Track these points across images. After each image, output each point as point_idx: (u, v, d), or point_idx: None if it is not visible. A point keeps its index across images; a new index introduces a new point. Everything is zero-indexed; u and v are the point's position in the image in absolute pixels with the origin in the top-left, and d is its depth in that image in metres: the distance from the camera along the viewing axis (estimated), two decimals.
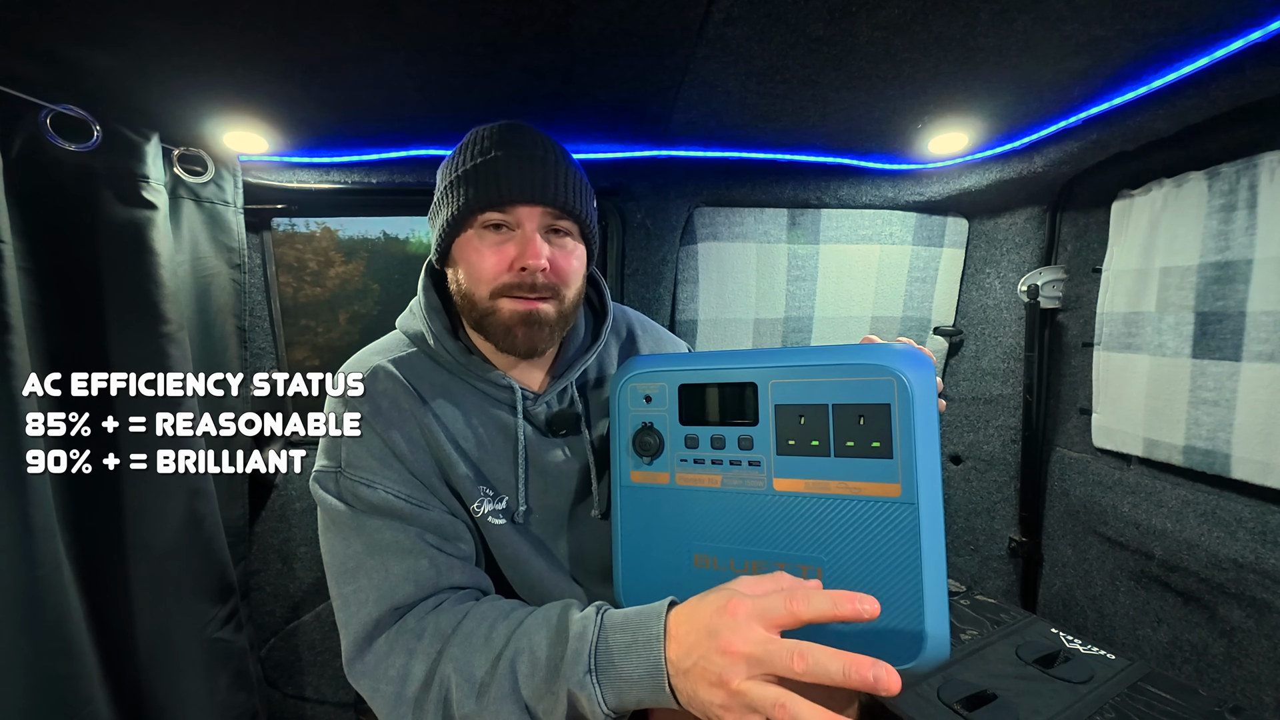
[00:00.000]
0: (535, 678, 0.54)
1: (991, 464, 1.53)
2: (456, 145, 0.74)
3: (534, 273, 0.67)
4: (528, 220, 0.68)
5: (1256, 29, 0.81)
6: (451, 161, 0.72)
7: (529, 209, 0.68)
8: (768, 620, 0.46)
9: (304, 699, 1.46)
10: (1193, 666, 1.12)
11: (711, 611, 0.47)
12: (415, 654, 0.59)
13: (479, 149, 0.69)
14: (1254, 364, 0.99)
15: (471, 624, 0.60)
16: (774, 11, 0.75)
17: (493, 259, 0.68)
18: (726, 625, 0.45)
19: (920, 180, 1.42)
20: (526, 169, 0.67)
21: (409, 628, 0.61)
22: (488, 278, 0.68)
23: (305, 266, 2.58)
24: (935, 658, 0.54)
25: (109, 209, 0.98)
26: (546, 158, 0.69)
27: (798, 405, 0.59)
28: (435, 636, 0.60)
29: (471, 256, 0.69)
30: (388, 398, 0.70)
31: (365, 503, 0.66)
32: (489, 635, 0.58)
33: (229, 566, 1.16)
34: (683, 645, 0.48)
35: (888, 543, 0.55)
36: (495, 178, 0.67)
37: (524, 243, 0.67)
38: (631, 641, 0.51)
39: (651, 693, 0.49)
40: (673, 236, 1.41)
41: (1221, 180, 1.03)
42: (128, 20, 0.74)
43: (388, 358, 0.73)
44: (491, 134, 0.71)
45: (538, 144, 0.70)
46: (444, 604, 0.64)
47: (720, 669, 0.45)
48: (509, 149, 0.68)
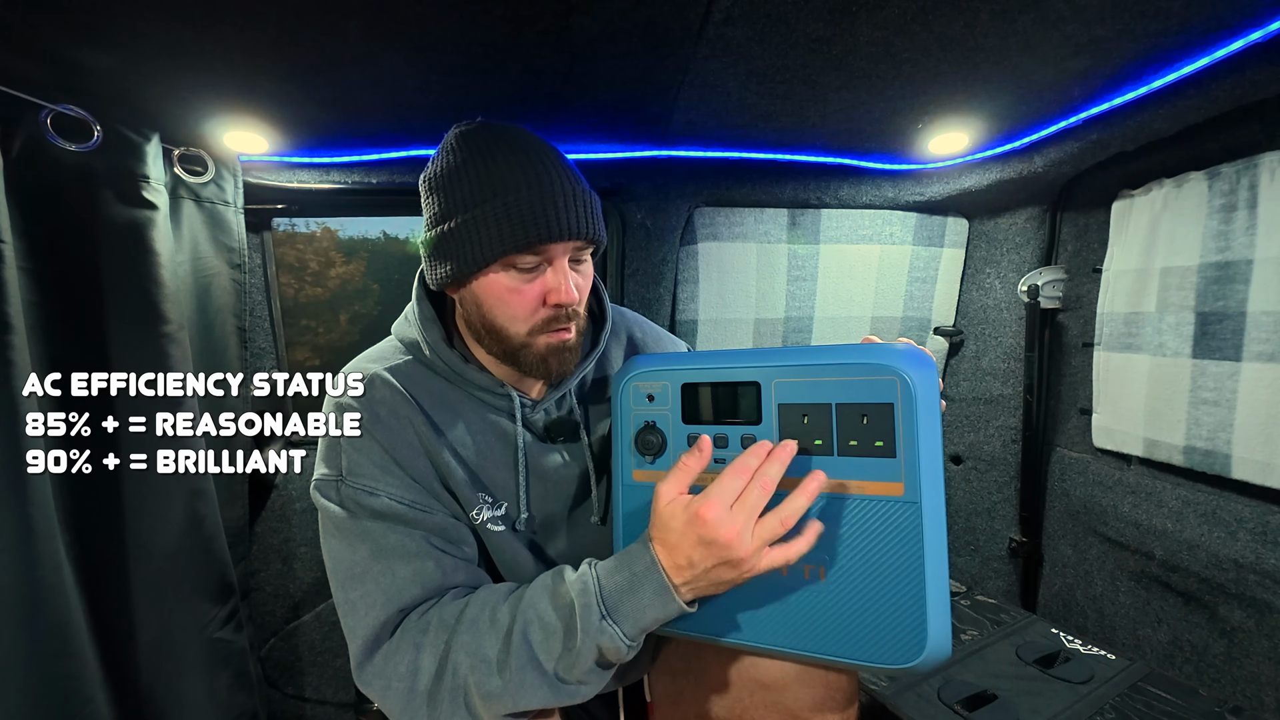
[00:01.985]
0: (551, 641, 0.57)
1: (992, 464, 1.53)
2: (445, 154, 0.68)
3: (568, 307, 0.66)
4: (560, 256, 0.66)
5: (1257, 29, 0.81)
6: (456, 182, 0.66)
7: (563, 245, 0.65)
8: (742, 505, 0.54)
9: (304, 699, 1.46)
10: (1193, 667, 1.12)
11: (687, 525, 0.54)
12: (423, 647, 0.60)
13: (496, 178, 0.64)
14: (1254, 364, 0.99)
15: (474, 610, 0.61)
16: (774, 11, 0.75)
17: (527, 299, 0.66)
18: (711, 526, 0.53)
19: (920, 180, 1.42)
20: (560, 206, 0.64)
21: (413, 624, 0.62)
22: (524, 316, 0.66)
23: (306, 266, 2.58)
24: (937, 656, 0.54)
25: (109, 209, 0.98)
26: (571, 189, 0.65)
27: (801, 404, 0.59)
28: (440, 628, 0.61)
29: (504, 295, 0.66)
30: (386, 405, 0.69)
31: (368, 509, 0.66)
32: (493, 617, 0.60)
33: (229, 567, 1.16)
34: (681, 559, 0.55)
35: (891, 541, 0.55)
36: (528, 219, 0.63)
37: (558, 279, 0.65)
38: (631, 576, 0.56)
39: (664, 609, 0.56)
40: (673, 236, 1.41)
41: (1222, 180, 1.03)
42: (128, 20, 0.74)
43: (384, 366, 0.72)
44: (500, 153, 0.65)
45: (557, 169, 0.66)
46: (444, 598, 0.64)
47: (728, 554, 0.53)
48: (534, 180, 0.64)
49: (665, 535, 0.56)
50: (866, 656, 0.56)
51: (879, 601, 0.55)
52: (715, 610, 0.63)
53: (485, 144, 0.66)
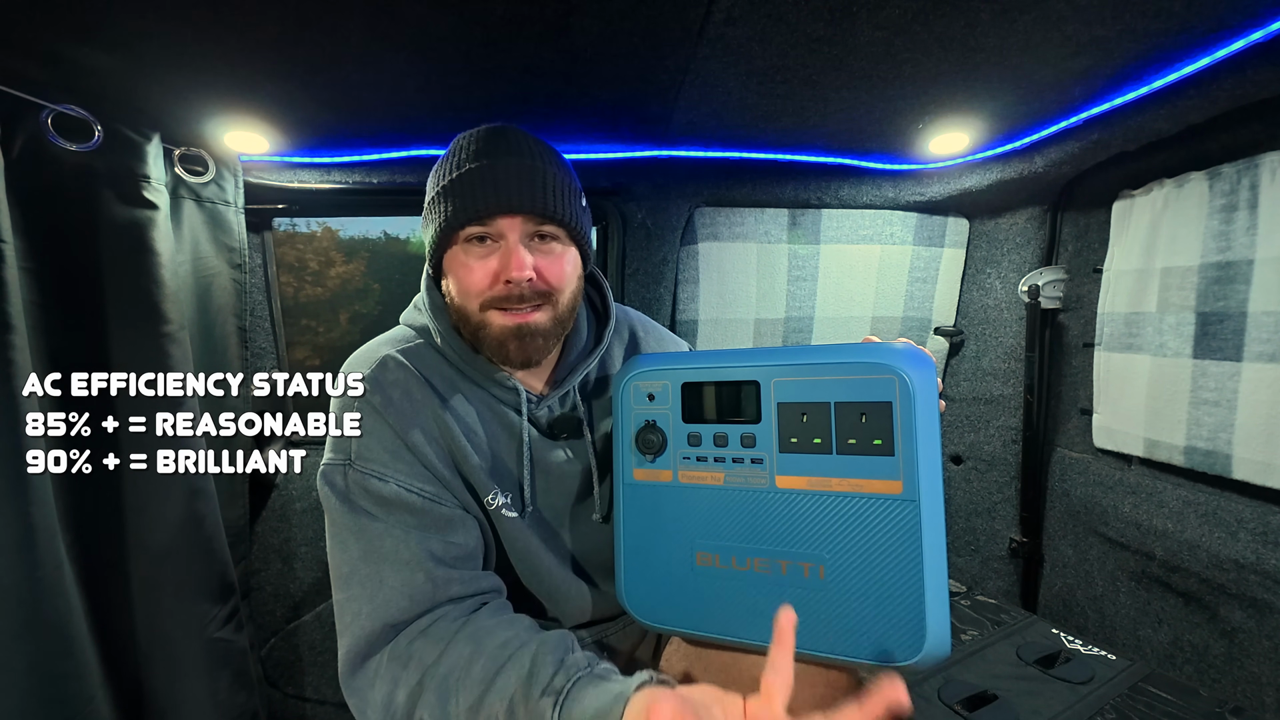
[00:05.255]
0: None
1: (992, 464, 1.53)
2: (448, 152, 0.72)
3: (519, 284, 0.66)
4: (509, 231, 0.66)
5: (1258, 29, 0.81)
6: (438, 171, 0.71)
7: (509, 220, 0.66)
8: None
9: (304, 699, 1.46)
10: (1194, 667, 1.12)
11: None
12: (399, 683, 0.60)
13: (459, 159, 0.68)
14: (1255, 364, 0.99)
15: (451, 660, 0.59)
16: (775, 11, 0.75)
17: (479, 273, 0.67)
18: None
19: (921, 180, 1.42)
20: (504, 179, 0.66)
21: (399, 652, 0.61)
22: (475, 291, 0.68)
23: (306, 266, 2.57)
24: (936, 654, 0.54)
25: (110, 209, 0.98)
26: (525, 165, 0.67)
27: (800, 403, 0.59)
28: (418, 667, 0.60)
29: (459, 271, 0.68)
30: (399, 388, 0.69)
31: (374, 497, 0.65)
32: (465, 675, 0.58)
33: (229, 566, 1.16)
34: None
35: (889, 539, 0.55)
36: (473, 190, 0.65)
37: (507, 254, 0.66)
38: None
39: None
40: (673, 236, 1.41)
41: (1223, 180, 1.03)
42: (129, 20, 0.75)
43: (396, 348, 0.72)
44: (472, 142, 0.69)
45: (517, 150, 0.68)
46: (435, 624, 0.63)
47: None
48: (487, 159, 0.67)
49: None
50: (865, 654, 0.56)
51: (877, 599, 0.55)
52: (715, 610, 0.63)
53: (473, 138, 0.70)
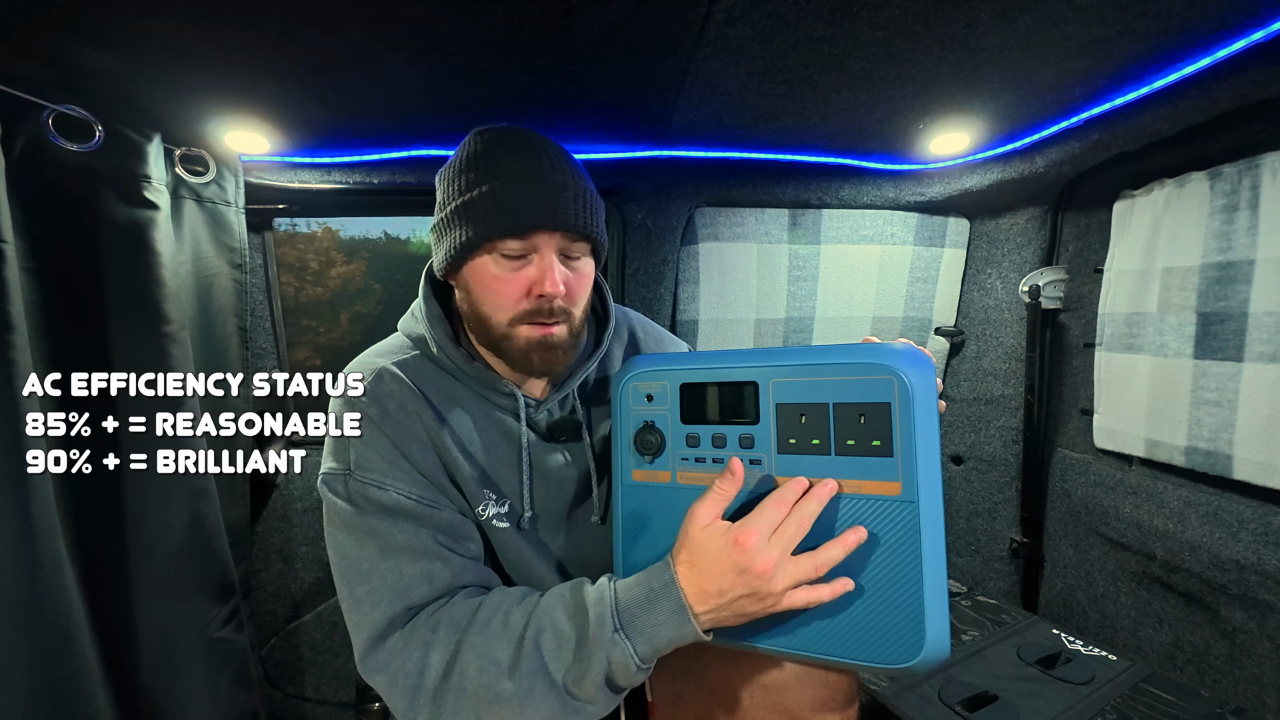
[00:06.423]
0: (563, 650, 0.57)
1: (993, 465, 1.53)
2: (459, 150, 0.71)
3: (551, 299, 0.66)
4: (546, 246, 0.66)
5: (1258, 29, 0.80)
6: (459, 174, 0.68)
7: (548, 235, 0.66)
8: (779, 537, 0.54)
9: (305, 699, 1.47)
10: (1194, 668, 1.12)
11: (723, 550, 0.54)
12: (432, 645, 0.60)
13: (491, 168, 0.66)
14: (1256, 364, 0.99)
15: (487, 612, 0.61)
16: (775, 11, 0.75)
17: (512, 287, 0.66)
18: (749, 554, 0.53)
19: (921, 180, 1.42)
20: (548, 195, 0.65)
21: (423, 621, 0.62)
22: (507, 305, 0.67)
23: (306, 266, 2.57)
24: (935, 657, 0.54)
25: (111, 209, 0.98)
26: (564, 180, 0.66)
27: (799, 404, 0.59)
28: (451, 627, 0.61)
29: (489, 283, 0.67)
30: (394, 399, 0.69)
31: (376, 505, 0.66)
32: (506, 620, 0.60)
33: (230, 566, 1.17)
34: (711, 585, 0.54)
35: (888, 540, 0.55)
36: (514, 205, 0.64)
37: (542, 270, 0.66)
38: (649, 592, 0.56)
39: (678, 629, 0.55)
40: (674, 236, 1.41)
41: (1223, 180, 1.03)
42: (130, 20, 0.75)
43: (392, 360, 0.72)
44: (502, 149, 0.68)
45: (553, 163, 0.67)
46: (455, 597, 0.64)
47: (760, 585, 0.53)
48: (526, 171, 0.66)
49: (698, 559, 0.55)
50: (865, 656, 0.56)
51: (877, 601, 0.55)
52: None
53: (491, 139, 0.69)
